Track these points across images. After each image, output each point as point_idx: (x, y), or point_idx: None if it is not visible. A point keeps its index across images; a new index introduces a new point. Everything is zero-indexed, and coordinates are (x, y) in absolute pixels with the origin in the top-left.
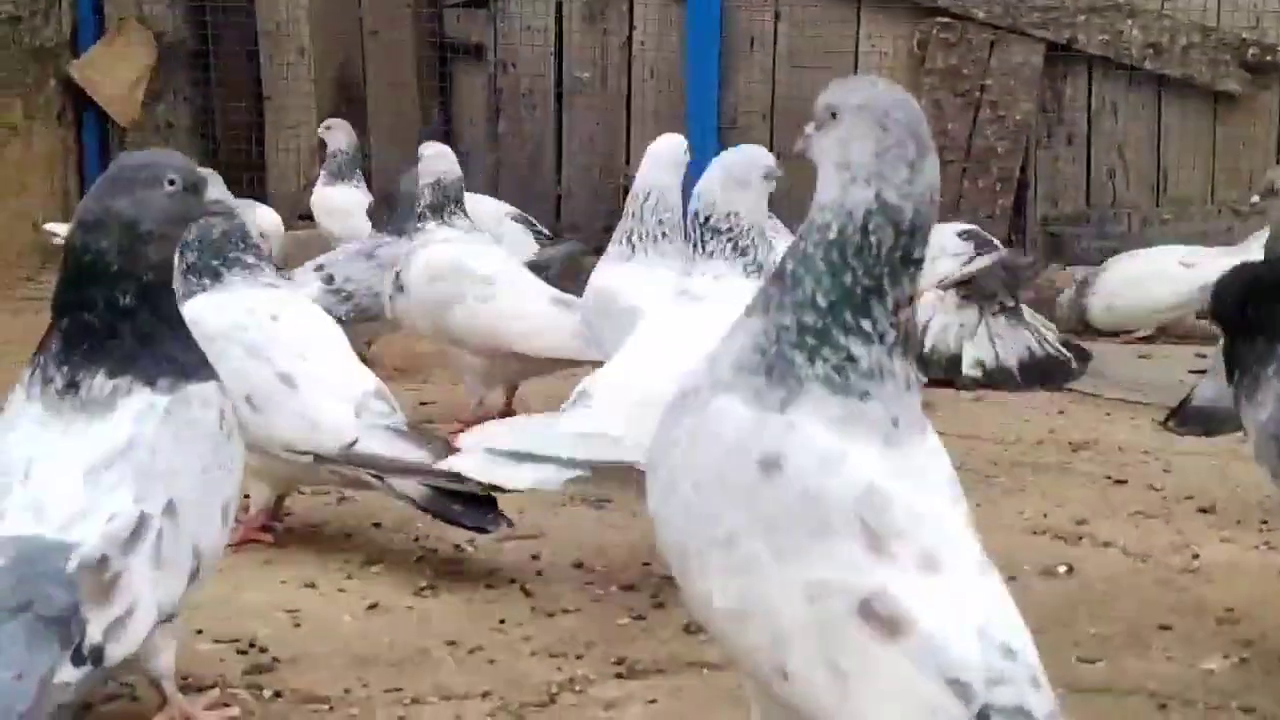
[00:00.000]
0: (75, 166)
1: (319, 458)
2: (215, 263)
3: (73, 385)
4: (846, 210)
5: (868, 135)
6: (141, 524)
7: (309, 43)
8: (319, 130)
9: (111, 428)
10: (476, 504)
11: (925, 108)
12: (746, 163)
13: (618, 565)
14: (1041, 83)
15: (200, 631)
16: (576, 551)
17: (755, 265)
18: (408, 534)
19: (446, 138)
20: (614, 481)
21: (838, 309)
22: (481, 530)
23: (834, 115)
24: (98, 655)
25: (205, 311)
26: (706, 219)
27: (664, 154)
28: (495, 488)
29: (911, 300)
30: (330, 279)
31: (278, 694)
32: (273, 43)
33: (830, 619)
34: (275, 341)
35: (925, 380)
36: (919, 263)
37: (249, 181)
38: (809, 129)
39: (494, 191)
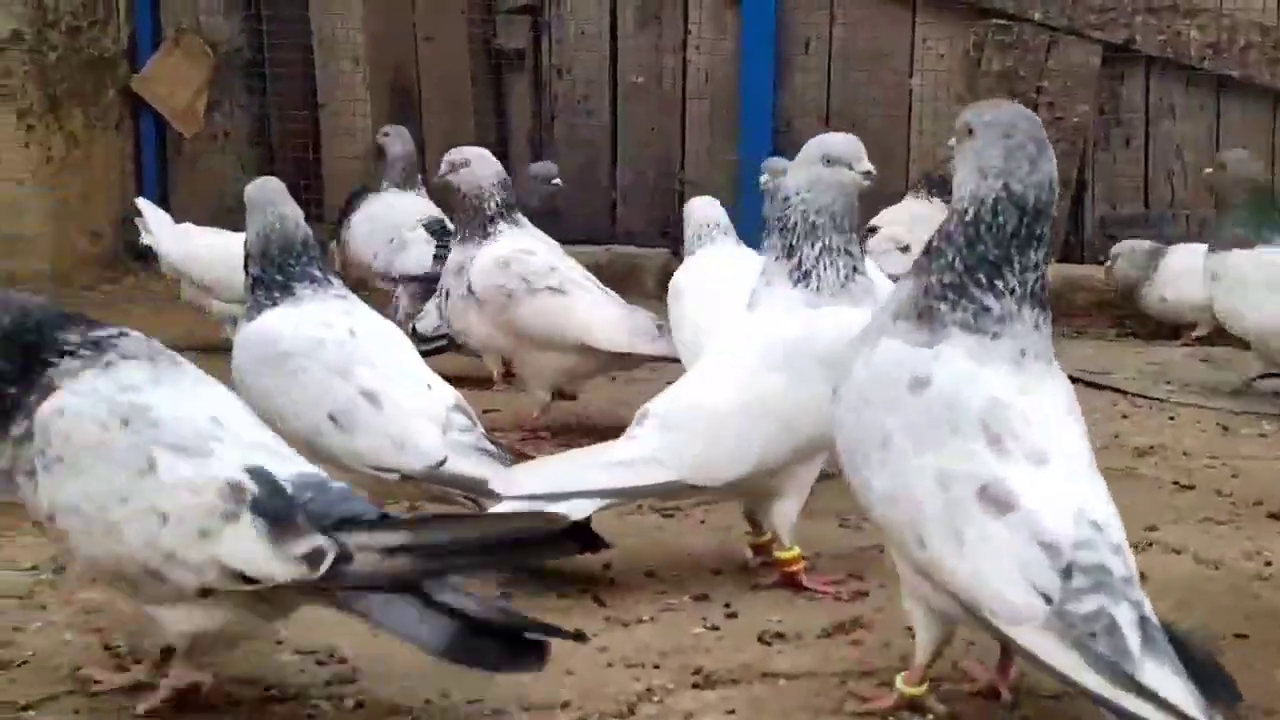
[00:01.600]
0: (134, 175)
1: (406, 476)
2: (282, 277)
3: None
4: (980, 199)
5: (996, 142)
6: None
7: (363, 50)
8: (377, 137)
9: None
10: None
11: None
12: (810, 144)
13: (688, 574)
14: (1099, 84)
15: (280, 642)
16: (647, 561)
17: (800, 272)
18: None
19: (502, 143)
20: (673, 496)
21: (973, 272)
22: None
23: (970, 131)
24: None
25: (281, 328)
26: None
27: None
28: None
29: (1040, 264)
30: None
31: (359, 704)
32: (327, 51)
33: (957, 500)
34: (355, 358)
35: None
36: (1042, 237)
37: (305, 188)
38: (951, 143)
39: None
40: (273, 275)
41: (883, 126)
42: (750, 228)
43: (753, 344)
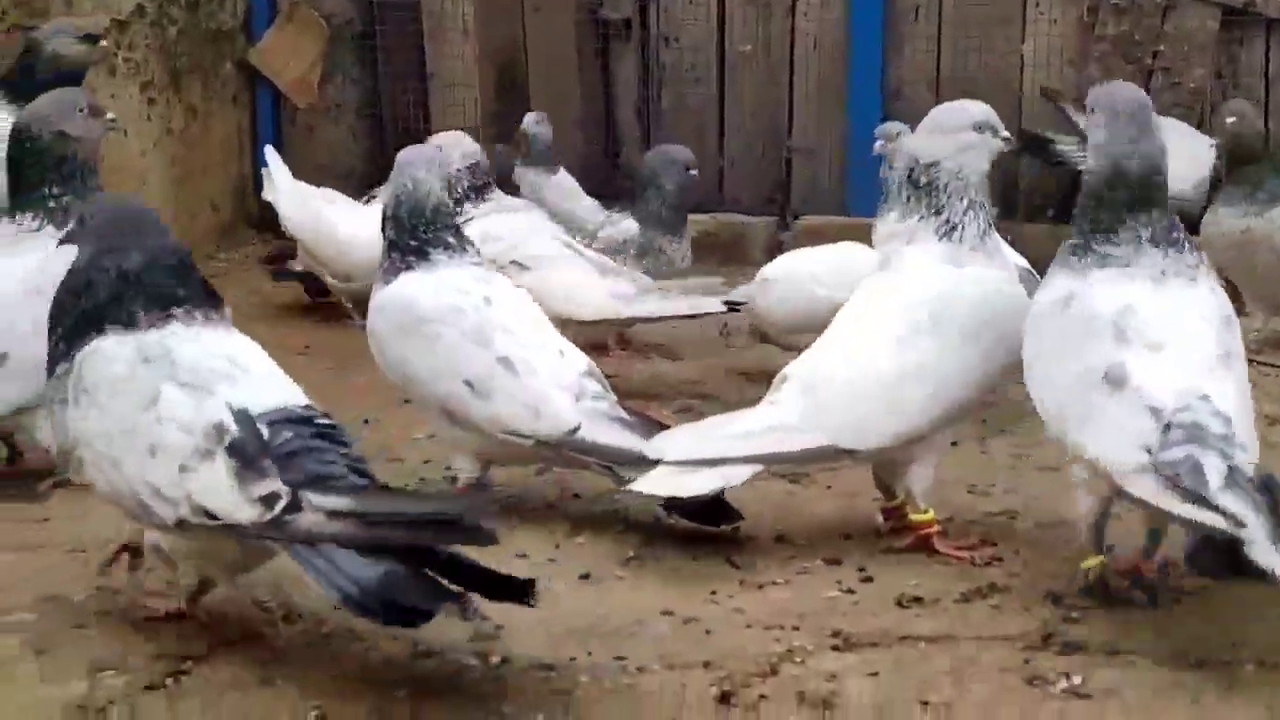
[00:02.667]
0: (250, 148)
1: (540, 442)
2: (416, 242)
3: None
4: (1100, 167)
5: (1107, 123)
6: None
7: (472, 21)
8: (524, 125)
9: None
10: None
11: (1096, 76)
12: (953, 111)
13: (818, 539)
14: (1217, 48)
15: None
16: (776, 525)
17: (948, 226)
18: (606, 505)
19: (608, 114)
20: (821, 461)
21: (1104, 222)
22: (714, 524)
23: (1092, 110)
24: None
25: (419, 295)
26: (910, 172)
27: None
28: (676, 498)
29: (1159, 217)
30: None
31: (504, 660)
32: (436, 22)
33: (1087, 387)
34: (491, 325)
35: None
36: (1153, 199)
37: None
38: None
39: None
40: (407, 240)
41: (992, 93)
42: (859, 196)
43: (898, 305)
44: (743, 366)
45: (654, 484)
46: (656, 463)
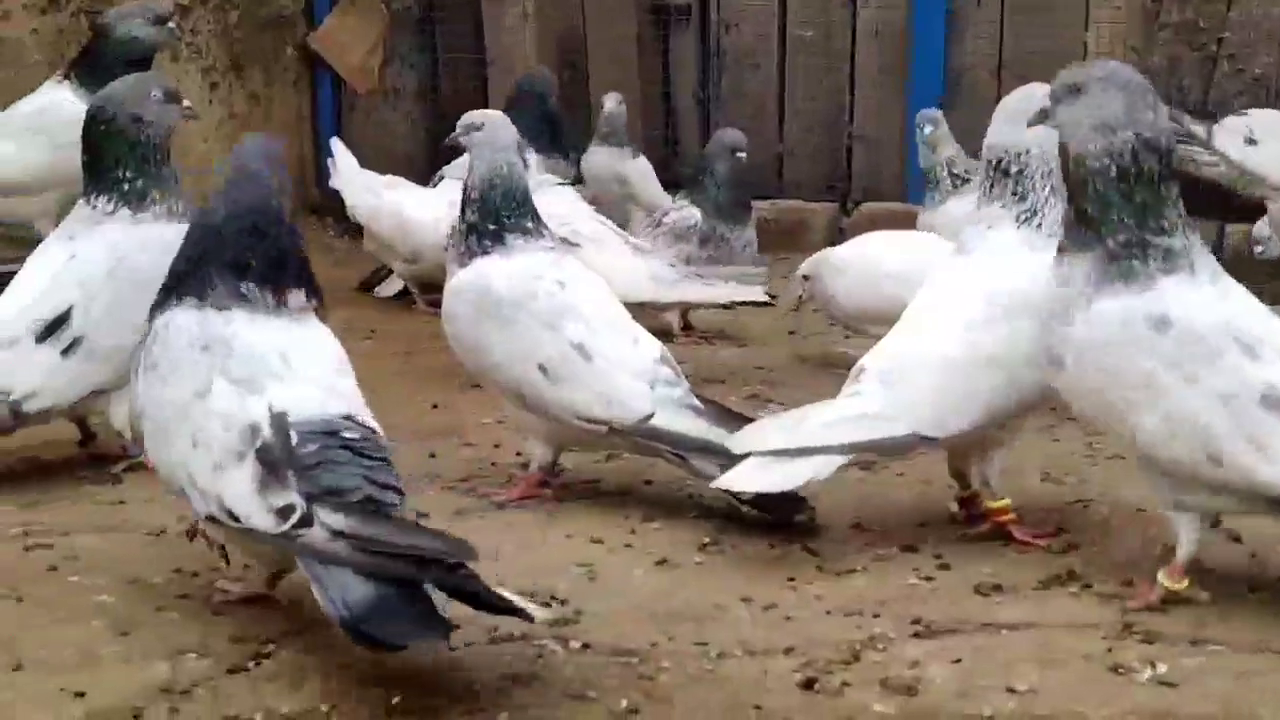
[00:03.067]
0: (310, 133)
1: (613, 429)
2: (496, 226)
3: None
4: (1115, 152)
5: (1117, 96)
6: None
7: (531, 6)
8: (605, 105)
9: None
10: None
11: (1160, 63)
12: (1024, 97)
13: (894, 526)
14: None
15: (502, 584)
16: (851, 513)
17: (1029, 211)
18: (680, 490)
19: (666, 99)
20: (904, 450)
21: (1144, 224)
22: (788, 522)
23: (1078, 90)
24: None
25: (495, 278)
26: (997, 161)
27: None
28: (765, 495)
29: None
30: None
31: (586, 646)
32: (495, 8)
33: (1242, 410)
34: (566, 310)
35: None
36: (1175, 170)
37: None
38: (1048, 106)
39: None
40: (487, 224)
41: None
42: (920, 183)
43: (978, 292)
44: (807, 352)
45: (743, 479)
46: (725, 451)
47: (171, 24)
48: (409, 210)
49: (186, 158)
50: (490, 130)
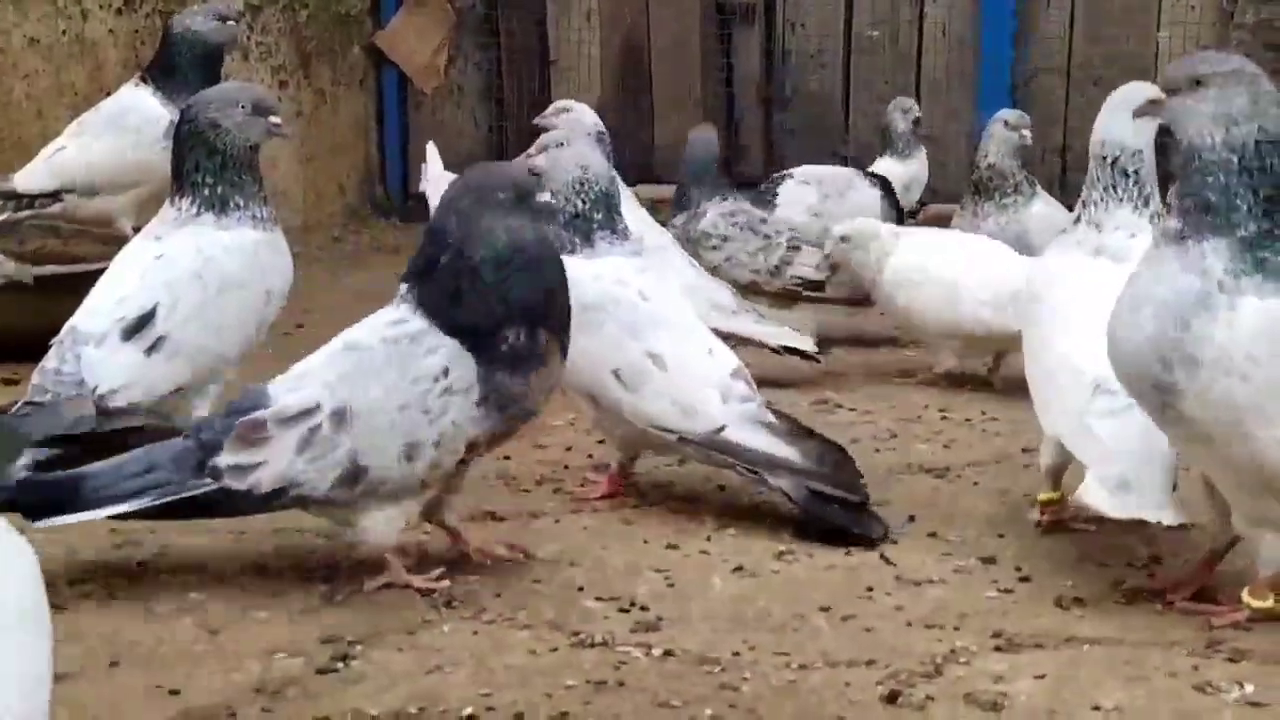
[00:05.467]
0: (376, 132)
1: (683, 439)
2: (588, 226)
3: None
4: (1239, 144)
5: (1241, 91)
6: None
7: (595, 6)
8: (889, 110)
9: None
10: (850, 507)
11: None
12: (1135, 96)
13: (971, 536)
14: None
15: (581, 589)
16: (926, 522)
17: (1151, 211)
18: (751, 497)
19: (729, 99)
20: None
21: (1274, 215)
22: (866, 541)
23: (1199, 83)
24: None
25: (582, 280)
26: (1114, 159)
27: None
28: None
29: None
30: None
31: (668, 653)
32: (560, 7)
33: None
34: (645, 318)
35: None
36: None
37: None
38: (1164, 97)
39: (770, 151)
40: (582, 223)
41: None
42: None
43: None
44: (877, 362)
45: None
46: (788, 468)
47: (233, 21)
48: None
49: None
50: (576, 121)
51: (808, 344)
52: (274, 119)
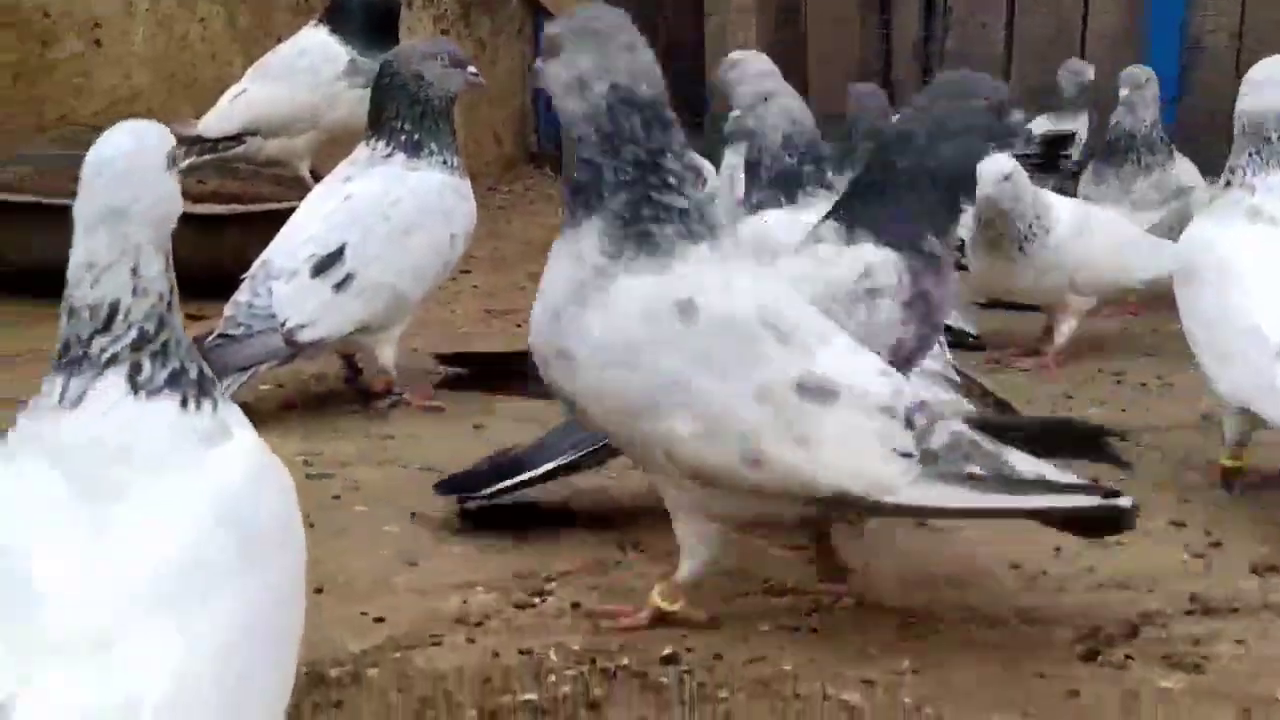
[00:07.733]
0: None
1: None
2: (794, 182)
3: None
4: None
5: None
6: None
7: None
8: (1060, 71)
9: None
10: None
11: None
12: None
13: (1156, 501)
14: None
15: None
16: (1109, 485)
17: None
18: None
19: (887, 58)
20: None
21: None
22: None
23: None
24: None
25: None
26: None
27: None
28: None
29: None
30: None
31: (858, 603)
32: None
33: None
34: None
35: None
36: None
37: (689, 100)
38: None
39: None
40: (783, 180)
41: None
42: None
43: None
44: (1101, 364)
45: None
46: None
47: None
48: None
49: None
50: (759, 72)
51: (969, 324)
52: (471, 70)
